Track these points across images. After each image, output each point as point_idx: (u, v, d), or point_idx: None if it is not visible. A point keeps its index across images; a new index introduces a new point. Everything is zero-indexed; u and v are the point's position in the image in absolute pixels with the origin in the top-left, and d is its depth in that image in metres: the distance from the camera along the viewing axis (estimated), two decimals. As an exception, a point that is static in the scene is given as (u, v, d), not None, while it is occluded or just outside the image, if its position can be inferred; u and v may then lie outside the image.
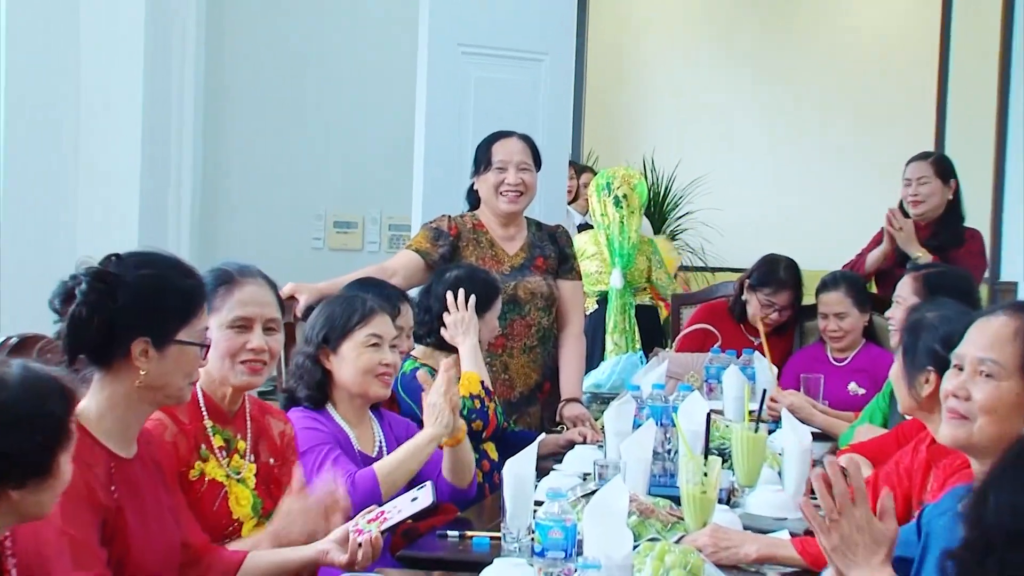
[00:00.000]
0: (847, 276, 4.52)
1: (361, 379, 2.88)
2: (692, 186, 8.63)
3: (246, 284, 2.52)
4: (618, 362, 4.98)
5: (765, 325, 4.59)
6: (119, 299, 2.05)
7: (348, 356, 2.88)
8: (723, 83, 9.06)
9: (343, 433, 2.88)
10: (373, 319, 2.91)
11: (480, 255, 3.97)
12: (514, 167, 3.96)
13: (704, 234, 8.52)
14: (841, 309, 4.39)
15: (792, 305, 4.61)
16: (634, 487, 2.67)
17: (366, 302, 2.94)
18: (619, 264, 5.61)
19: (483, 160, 4.00)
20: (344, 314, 2.91)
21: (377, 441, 2.96)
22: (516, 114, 4.83)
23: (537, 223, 4.14)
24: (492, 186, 3.97)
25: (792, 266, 4.65)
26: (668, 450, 3.03)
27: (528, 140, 4.05)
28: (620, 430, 3.05)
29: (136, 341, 2.07)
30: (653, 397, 3.13)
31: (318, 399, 2.90)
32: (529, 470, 2.50)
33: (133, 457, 2.13)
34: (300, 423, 2.81)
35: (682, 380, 4.14)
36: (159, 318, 2.09)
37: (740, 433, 2.86)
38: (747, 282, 4.65)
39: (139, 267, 2.10)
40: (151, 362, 2.09)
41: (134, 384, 2.09)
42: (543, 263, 4.04)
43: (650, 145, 8.82)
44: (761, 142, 8.99)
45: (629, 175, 5.70)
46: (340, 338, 2.89)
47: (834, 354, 4.46)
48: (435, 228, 3.99)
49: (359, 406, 2.93)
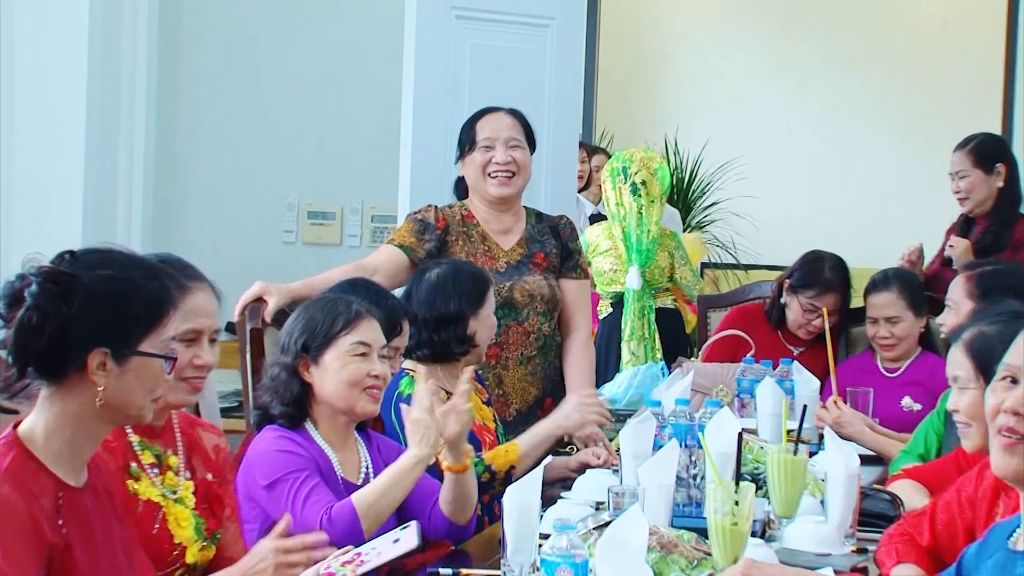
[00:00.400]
0: (900, 274, 4.51)
1: (346, 393, 2.87)
2: (722, 171, 8.63)
3: (197, 291, 2.54)
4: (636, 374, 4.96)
5: (808, 333, 4.56)
6: (75, 303, 2.03)
7: (331, 367, 2.87)
8: (759, 52, 9.05)
9: (324, 457, 2.87)
10: (360, 324, 2.90)
11: (471, 251, 3.96)
12: (502, 144, 3.96)
13: (736, 226, 8.52)
14: (893, 312, 4.38)
15: (839, 310, 4.60)
16: (654, 518, 2.66)
17: (351, 305, 2.93)
18: (637, 261, 5.60)
19: (467, 140, 4.00)
20: (327, 319, 2.90)
21: (363, 466, 2.95)
22: (518, 88, 4.83)
23: (537, 213, 4.14)
24: (479, 167, 3.97)
25: (839, 265, 4.65)
26: (694, 475, 3.01)
27: (518, 115, 4.05)
28: (638, 452, 3.04)
29: (93, 352, 2.06)
30: (676, 414, 3.12)
31: (296, 416, 2.89)
32: (533, 498, 2.49)
33: (84, 486, 2.12)
34: (273, 444, 2.81)
35: (710, 395, 4.13)
36: (121, 326, 2.08)
37: (777, 456, 2.85)
38: (787, 283, 4.64)
39: (97, 267, 2.08)
40: (110, 376, 2.07)
41: (90, 401, 2.07)
42: (543, 260, 4.03)
43: (673, 123, 8.81)
44: (803, 121, 8.99)
45: (649, 158, 5.69)
46: (322, 346, 2.89)
47: (885, 364, 4.45)
48: (420, 220, 3.99)
49: (343, 425, 2.92)
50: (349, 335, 2.89)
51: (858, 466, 2.84)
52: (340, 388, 2.87)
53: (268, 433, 2.85)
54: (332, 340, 2.88)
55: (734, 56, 9.09)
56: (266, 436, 2.84)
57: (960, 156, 4.83)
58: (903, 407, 4.31)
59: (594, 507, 2.97)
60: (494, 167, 3.96)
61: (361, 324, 2.91)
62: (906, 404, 4.32)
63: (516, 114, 4.05)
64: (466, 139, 4.01)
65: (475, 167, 3.98)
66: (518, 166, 3.97)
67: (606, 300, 5.85)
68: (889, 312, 4.39)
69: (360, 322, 2.91)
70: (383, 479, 2.79)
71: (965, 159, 4.81)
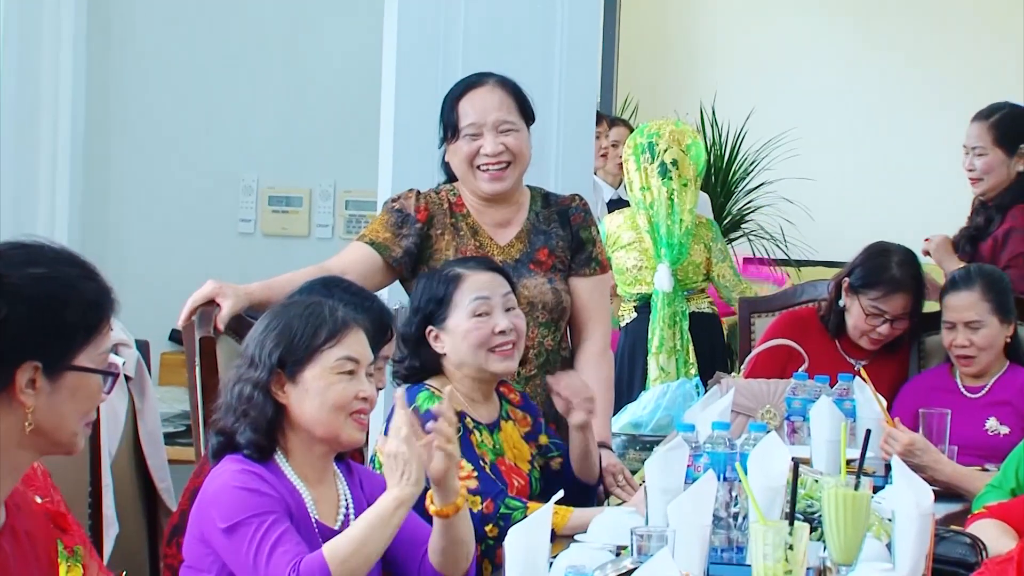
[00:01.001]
0: (985, 272, 4.53)
1: (329, 418, 2.87)
2: (769, 147, 8.65)
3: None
4: (665, 393, 5.01)
5: (871, 342, 4.60)
6: (2, 307, 2.04)
7: (312, 387, 2.87)
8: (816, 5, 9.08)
9: (295, 495, 2.86)
10: (347, 336, 2.91)
11: (459, 246, 3.96)
12: (491, 130, 3.92)
13: (787, 214, 8.53)
14: (974, 316, 4.41)
15: (909, 314, 4.63)
16: (688, 564, 2.69)
17: (336, 312, 2.93)
18: (667, 258, 5.64)
19: (449, 124, 3.97)
20: (307, 328, 2.90)
21: (342, 507, 2.96)
22: (523, 48, 4.85)
23: (544, 195, 4.12)
24: (465, 159, 3.95)
25: (910, 260, 4.67)
26: (734, 514, 3.04)
27: (508, 85, 4.00)
28: (668, 486, 3.07)
29: (23, 367, 2.07)
30: (714, 440, 3.15)
31: (265, 447, 2.88)
32: (542, 541, 2.52)
33: (2, 528, 2.13)
34: (235, 480, 2.80)
35: (754, 417, 4.15)
36: (55, 335, 2.10)
37: (834, 491, 2.88)
38: (846, 282, 4.67)
39: (25, 264, 2.09)
40: (40, 395, 2.09)
41: (15, 426, 2.08)
42: (548, 257, 4.00)
43: (710, 89, 8.84)
44: (868, 89, 9.01)
45: (680, 132, 5.73)
46: (302, 361, 2.88)
47: (965, 380, 4.48)
48: (398, 211, 3.99)
49: (320, 456, 2.93)
50: (334, 348, 2.89)
51: (932, 503, 2.88)
52: (323, 412, 2.87)
53: (229, 465, 2.85)
54: (314, 354, 2.88)
55: (784, 5, 9.13)
56: (227, 469, 2.83)
57: (980, 129, 4.95)
58: (987, 430, 4.34)
59: (614, 552, 2.99)
60: (483, 159, 3.93)
61: (348, 336, 2.91)
62: (991, 427, 4.35)
63: (506, 84, 4.00)
64: (448, 122, 3.98)
65: (460, 158, 3.95)
66: (513, 154, 3.93)
67: (628, 304, 5.88)
68: (969, 316, 4.42)
69: (347, 333, 2.91)
70: (359, 527, 2.78)
71: (985, 134, 4.93)
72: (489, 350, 3.52)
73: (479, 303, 3.51)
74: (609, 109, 8.43)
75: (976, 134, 4.98)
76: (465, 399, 3.53)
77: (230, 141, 6.23)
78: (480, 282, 3.54)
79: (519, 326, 3.56)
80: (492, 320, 3.52)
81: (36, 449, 2.15)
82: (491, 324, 3.52)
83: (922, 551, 2.81)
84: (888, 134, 9.01)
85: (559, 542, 3.15)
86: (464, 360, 3.53)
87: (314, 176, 6.31)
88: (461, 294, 3.53)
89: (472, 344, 3.51)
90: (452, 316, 3.53)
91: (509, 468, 3.53)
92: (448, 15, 4.90)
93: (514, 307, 3.57)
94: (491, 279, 3.56)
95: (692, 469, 3.12)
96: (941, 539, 2.99)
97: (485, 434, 3.53)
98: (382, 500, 2.80)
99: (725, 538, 3.02)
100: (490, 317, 3.52)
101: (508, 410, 3.66)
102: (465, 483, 3.29)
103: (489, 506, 3.36)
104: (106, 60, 6.10)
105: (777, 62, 9.05)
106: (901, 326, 4.63)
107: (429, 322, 3.55)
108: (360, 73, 5.78)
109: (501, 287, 3.56)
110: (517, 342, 3.55)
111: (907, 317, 4.63)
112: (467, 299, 3.52)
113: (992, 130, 4.93)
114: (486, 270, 3.59)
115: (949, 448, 4.03)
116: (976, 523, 3.22)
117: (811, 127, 8.74)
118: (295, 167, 6.29)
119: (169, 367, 5.83)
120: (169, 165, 6.20)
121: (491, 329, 3.51)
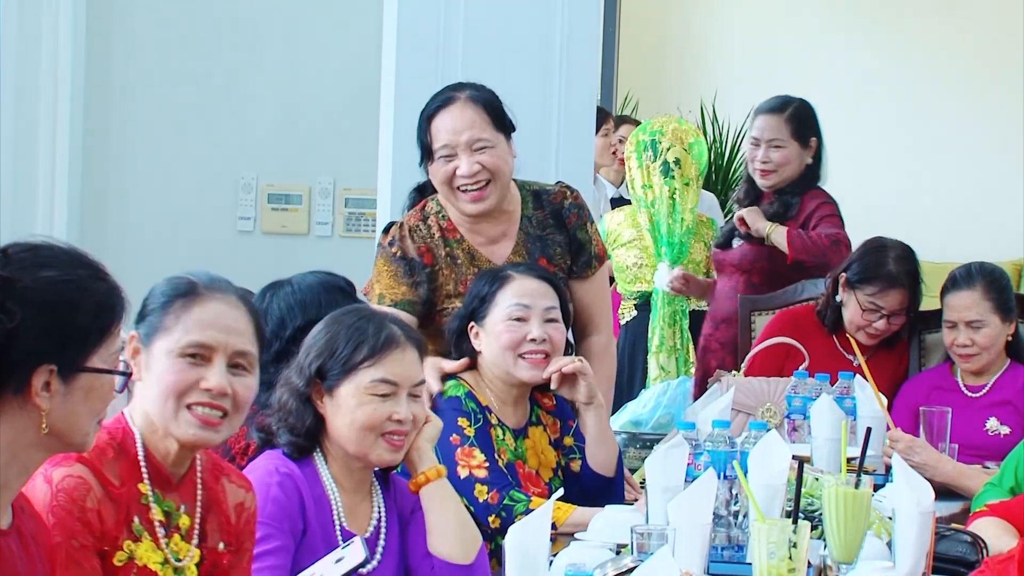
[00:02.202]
0: (986, 271, 4.53)
1: (359, 438, 2.85)
2: (770, 144, 8.64)
3: (211, 300, 2.52)
4: (665, 391, 5.01)
5: (868, 336, 4.60)
6: (16, 314, 2.05)
7: (345, 404, 2.85)
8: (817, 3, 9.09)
9: (323, 500, 2.85)
10: (388, 356, 2.86)
11: (459, 277, 3.90)
12: (465, 150, 3.84)
13: (787, 212, 8.53)
14: (975, 315, 4.41)
15: (906, 310, 4.64)
16: (688, 563, 2.70)
17: (383, 329, 2.89)
18: (667, 256, 5.64)
19: (424, 145, 3.91)
20: (349, 343, 2.87)
21: (374, 518, 2.93)
22: (523, 46, 4.85)
23: (535, 193, 4.04)
24: (443, 181, 3.88)
25: (907, 256, 4.68)
26: (735, 512, 3.05)
27: (480, 99, 3.90)
28: (668, 485, 3.07)
29: (38, 370, 2.07)
30: (714, 439, 3.16)
31: (305, 447, 2.88)
32: (541, 540, 2.52)
33: (9, 528, 2.13)
34: (264, 479, 2.78)
35: (754, 415, 4.16)
36: (70, 338, 2.10)
37: (835, 489, 2.88)
38: (843, 277, 4.68)
39: (37, 267, 2.10)
40: (55, 397, 2.09)
41: (31, 428, 2.09)
42: (547, 267, 3.92)
43: (710, 87, 8.85)
44: (869, 87, 9.01)
45: (683, 131, 5.72)
46: (339, 376, 2.86)
47: (966, 380, 4.48)
48: (400, 258, 3.90)
49: (358, 469, 2.92)
50: (371, 369, 2.85)
51: (932, 501, 2.88)
52: (353, 431, 2.85)
53: (266, 462, 2.85)
54: (351, 372, 2.85)
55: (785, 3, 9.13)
56: (265, 465, 2.83)
57: (776, 122, 5.13)
58: (987, 430, 4.34)
59: (614, 550, 3.00)
60: (461, 180, 3.85)
61: (390, 356, 2.86)
62: (991, 427, 4.35)
63: (478, 100, 3.89)
64: (423, 143, 3.91)
65: (439, 180, 3.88)
66: (490, 172, 3.85)
67: (629, 301, 5.88)
68: (970, 315, 4.42)
69: (389, 353, 2.86)
70: None
71: (783, 127, 5.11)
72: (519, 356, 3.54)
73: (518, 308, 3.54)
74: (609, 107, 8.42)
75: (773, 127, 5.14)
76: (496, 399, 3.57)
77: (229, 138, 6.22)
78: (525, 288, 3.57)
79: (555, 338, 3.57)
80: (527, 327, 3.54)
81: (48, 449, 2.16)
82: (525, 330, 3.54)
83: (923, 549, 2.82)
84: (889, 133, 9.01)
85: (559, 541, 3.15)
86: (495, 361, 3.56)
87: (314, 174, 6.30)
88: (504, 295, 3.56)
89: (503, 346, 3.54)
90: (491, 315, 3.56)
91: (527, 475, 3.54)
92: (448, 13, 4.91)
93: (556, 320, 3.59)
94: (537, 287, 3.59)
95: (692, 467, 3.13)
96: (942, 537, 3.00)
97: (508, 436, 3.55)
98: None
99: (725, 536, 3.04)
100: (526, 323, 3.55)
101: (539, 415, 3.67)
102: (475, 471, 3.33)
103: (494, 496, 3.38)
104: (106, 59, 6.09)
105: (778, 60, 9.05)
106: (898, 322, 4.64)
107: (472, 318, 3.59)
108: (360, 70, 5.78)
109: (545, 299, 3.58)
110: (551, 353, 3.56)
111: (904, 313, 4.63)
112: (508, 302, 3.55)
113: (789, 123, 5.12)
114: (536, 278, 3.61)
115: (950, 447, 4.03)
116: (977, 521, 3.23)
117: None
118: (294, 165, 6.28)
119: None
120: (168, 162, 6.20)
121: (524, 335, 3.54)
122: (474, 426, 3.47)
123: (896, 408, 4.37)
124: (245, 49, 6.22)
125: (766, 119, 5.17)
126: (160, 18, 6.20)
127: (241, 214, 6.27)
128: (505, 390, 3.59)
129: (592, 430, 3.66)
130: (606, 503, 3.40)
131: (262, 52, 6.24)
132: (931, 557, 2.85)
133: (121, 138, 6.16)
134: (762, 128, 5.17)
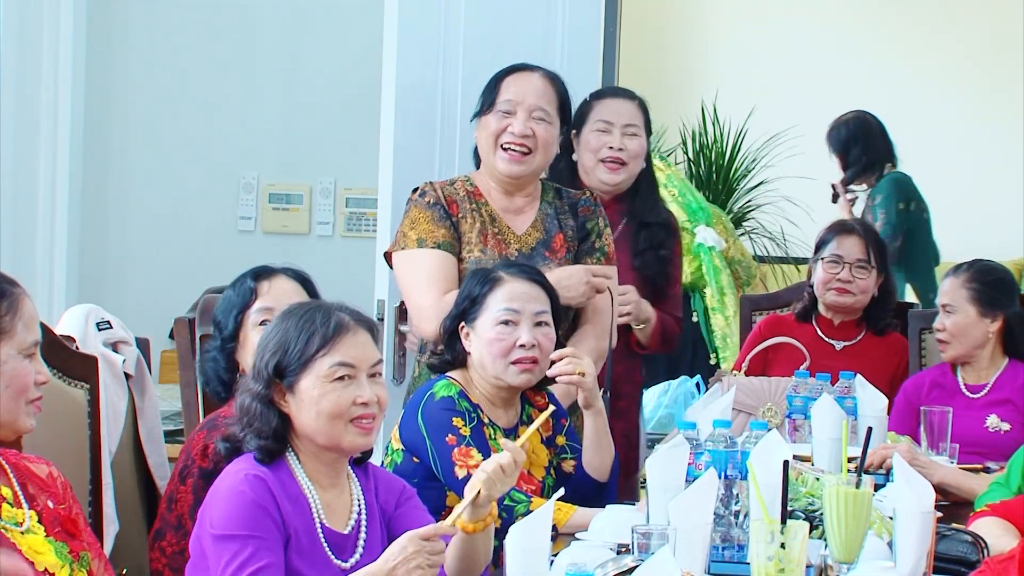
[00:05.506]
0: (981, 264, 4.53)
1: (328, 427, 2.83)
2: (771, 144, 8.64)
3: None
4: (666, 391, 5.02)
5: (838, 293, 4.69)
6: None
7: (307, 397, 2.83)
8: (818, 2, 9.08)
9: (301, 501, 2.83)
10: (340, 341, 2.85)
11: (482, 230, 3.99)
12: (525, 112, 3.97)
13: (788, 213, 8.52)
14: (948, 300, 4.44)
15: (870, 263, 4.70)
16: (688, 563, 2.70)
17: (331, 316, 2.88)
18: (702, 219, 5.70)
19: (487, 99, 4.03)
20: (301, 336, 2.86)
21: (354, 512, 2.91)
22: (524, 45, 4.84)
23: (557, 189, 4.16)
24: (492, 134, 3.99)
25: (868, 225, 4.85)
26: (735, 512, 3.05)
27: (555, 81, 4.06)
28: (668, 485, 3.07)
29: None
30: (714, 439, 3.16)
31: (275, 450, 2.86)
32: (542, 541, 2.52)
33: None
34: (237, 486, 2.76)
35: (755, 415, 4.16)
36: None
37: (836, 489, 2.88)
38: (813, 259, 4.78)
39: None
40: None
41: None
42: (563, 243, 4.04)
43: (711, 87, 8.83)
44: (870, 87, 8.99)
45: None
46: (297, 371, 2.85)
47: (966, 379, 4.48)
48: (433, 204, 3.99)
49: (331, 462, 2.89)
50: (327, 356, 2.84)
51: (933, 501, 2.88)
52: (320, 422, 2.83)
53: (239, 466, 2.83)
54: (308, 364, 2.84)
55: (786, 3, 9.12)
56: (235, 471, 2.81)
57: (630, 107, 4.56)
58: (988, 428, 4.34)
59: (615, 550, 3.00)
60: (508, 137, 3.96)
61: (343, 340, 2.85)
62: (991, 424, 4.35)
63: (554, 79, 4.05)
64: (487, 97, 4.03)
65: (488, 133, 3.99)
66: (538, 142, 3.97)
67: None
68: (945, 299, 4.45)
69: (342, 337, 2.85)
70: None
71: (639, 113, 4.56)
72: (510, 362, 3.53)
73: (507, 313, 3.52)
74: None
75: (628, 109, 4.58)
76: (485, 400, 3.57)
77: (230, 138, 6.23)
78: (515, 291, 3.55)
79: (543, 343, 3.55)
80: (517, 332, 3.53)
81: None
82: (515, 336, 3.52)
83: (923, 549, 2.81)
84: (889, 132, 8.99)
85: (560, 540, 3.15)
86: (484, 365, 3.55)
87: (314, 173, 6.31)
88: (494, 299, 3.55)
89: (494, 353, 3.53)
90: (481, 318, 3.55)
91: (520, 475, 3.53)
92: (448, 13, 4.91)
93: (546, 323, 3.57)
94: (528, 291, 3.57)
95: (693, 467, 3.13)
96: (942, 537, 3.00)
97: (499, 436, 3.53)
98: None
99: (726, 536, 3.03)
100: (516, 328, 3.53)
101: (531, 413, 3.67)
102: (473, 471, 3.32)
103: None
104: (106, 59, 6.10)
105: (779, 60, 9.04)
106: (863, 275, 4.69)
107: (463, 318, 3.58)
108: (360, 70, 5.79)
109: (535, 302, 3.56)
110: (540, 359, 3.54)
111: (867, 266, 4.71)
112: (498, 306, 3.54)
113: (643, 110, 4.59)
114: (527, 280, 3.59)
115: (951, 446, 4.03)
116: (978, 521, 3.23)
117: (812, 125, 8.71)
118: (295, 164, 6.29)
119: (170, 365, 5.81)
120: (169, 162, 6.20)
121: (514, 341, 3.52)
122: (469, 425, 3.47)
123: (896, 407, 4.38)
124: (246, 49, 6.23)
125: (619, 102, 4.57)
126: (161, 18, 6.21)
127: (242, 214, 6.28)
128: (495, 392, 3.58)
129: (590, 435, 3.66)
130: (597, 506, 3.40)
131: (263, 52, 6.24)
132: (932, 557, 2.85)
133: (121, 138, 6.17)
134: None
